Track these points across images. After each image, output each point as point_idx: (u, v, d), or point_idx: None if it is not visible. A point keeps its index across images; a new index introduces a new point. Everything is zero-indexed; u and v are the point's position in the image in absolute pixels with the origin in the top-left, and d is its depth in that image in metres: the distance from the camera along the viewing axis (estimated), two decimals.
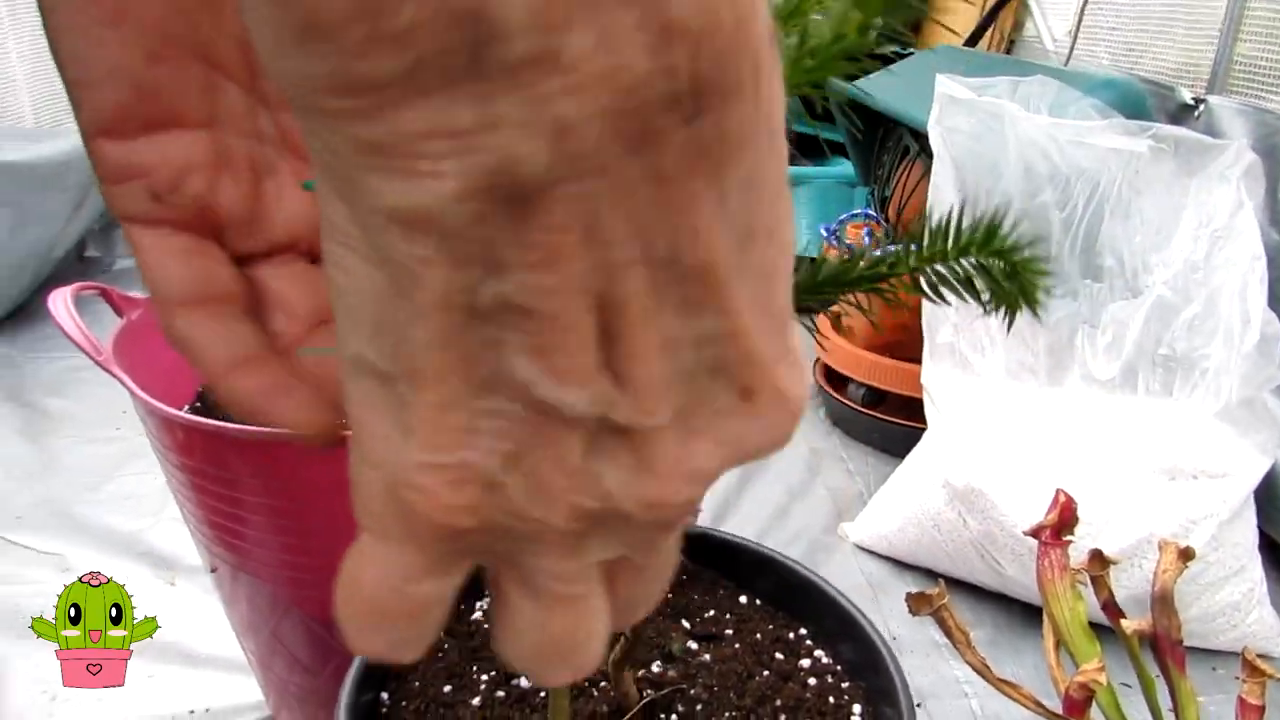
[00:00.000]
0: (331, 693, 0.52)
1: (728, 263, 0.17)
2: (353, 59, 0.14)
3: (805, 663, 0.57)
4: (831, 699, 0.54)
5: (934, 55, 1.33)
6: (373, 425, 0.18)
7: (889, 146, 1.40)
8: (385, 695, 0.53)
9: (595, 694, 0.52)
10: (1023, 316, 0.42)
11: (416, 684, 0.53)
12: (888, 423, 1.38)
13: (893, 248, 0.44)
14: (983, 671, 0.71)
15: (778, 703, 0.53)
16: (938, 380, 1.08)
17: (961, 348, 1.06)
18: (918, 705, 0.94)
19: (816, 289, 0.41)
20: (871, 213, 1.42)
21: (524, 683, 0.54)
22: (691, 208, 0.15)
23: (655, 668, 0.54)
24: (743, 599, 0.62)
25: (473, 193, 0.15)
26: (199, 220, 0.27)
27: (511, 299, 0.16)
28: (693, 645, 0.57)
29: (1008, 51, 1.87)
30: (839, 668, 0.57)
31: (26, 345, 1.67)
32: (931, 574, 1.13)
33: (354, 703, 0.50)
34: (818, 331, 1.48)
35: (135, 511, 1.18)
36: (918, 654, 1.03)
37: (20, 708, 0.88)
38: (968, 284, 0.42)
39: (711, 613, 0.60)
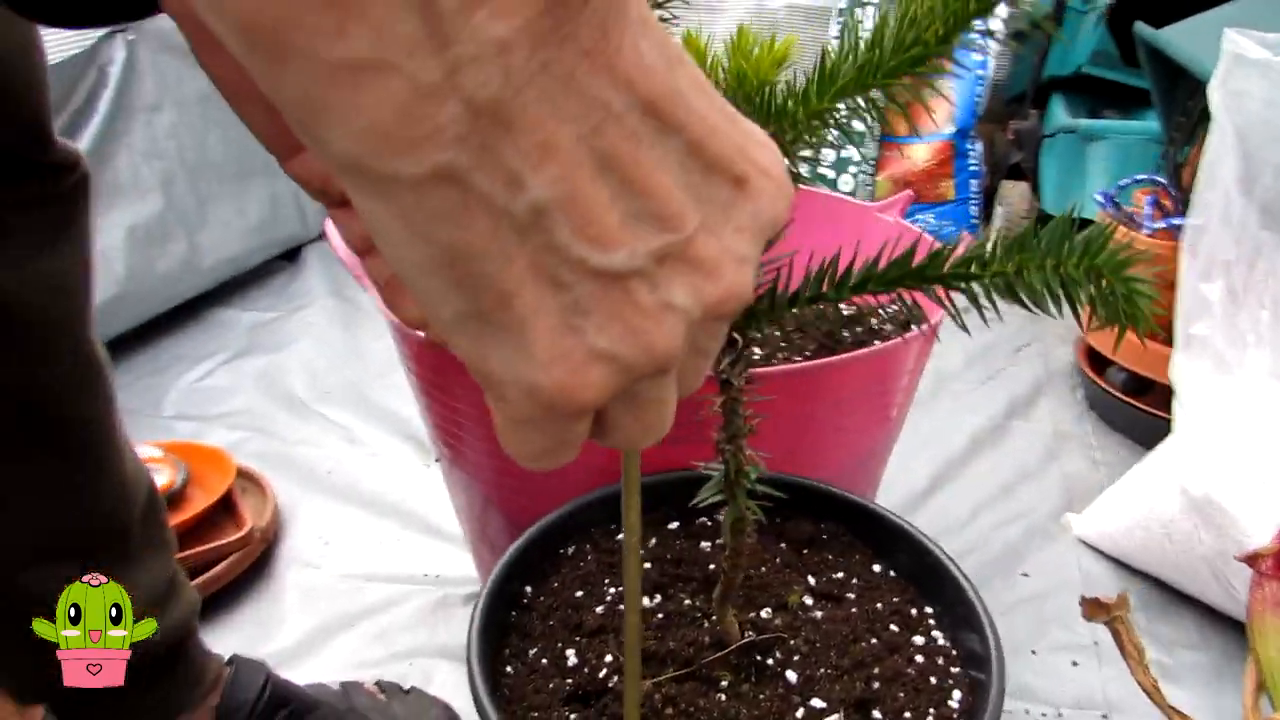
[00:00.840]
0: None
1: (667, 87, 0.21)
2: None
3: (919, 640, 0.58)
4: (933, 679, 0.55)
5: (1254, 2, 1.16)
6: (490, 358, 0.23)
7: (1189, 105, 1.25)
8: (529, 588, 0.61)
9: (704, 625, 0.57)
10: None
11: (555, 584, 0.61)
12: (1150, 415, 1.27)
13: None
14: (1152, 693, 0.68)
15: (875, 670, 0.55)
16: (1188, 375, 0.99)
17: (1218, 342, 0.96)
18: (1103, 716, 0.90)
19: (897, 281, 0.42)
20: (1160, 179, 1.28)
21: (646, 602, 0.60)
22: (619, 60, 0.20)
23: (765, 613, 0.58)
24: (876, 568, 0.64)
25: (465, 128, 0.19)
26: None
27: (538, 201, 0.20)
28: (808, 601, 0.60)
29: None
30: (954, 653, 0.58)
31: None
32: (1156, 582, 1.05)
33: (500, 590, 0.58)
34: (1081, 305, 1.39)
35: (410, 400, 1.36)
36: (1119, 663, 0.97)
37: (299, 546, 1.07)
38: (1068, 295, 0.42)
39: (840, 574, 0.63)
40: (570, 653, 0.56)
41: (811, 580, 0.62)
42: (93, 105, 1.42)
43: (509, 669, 0.55)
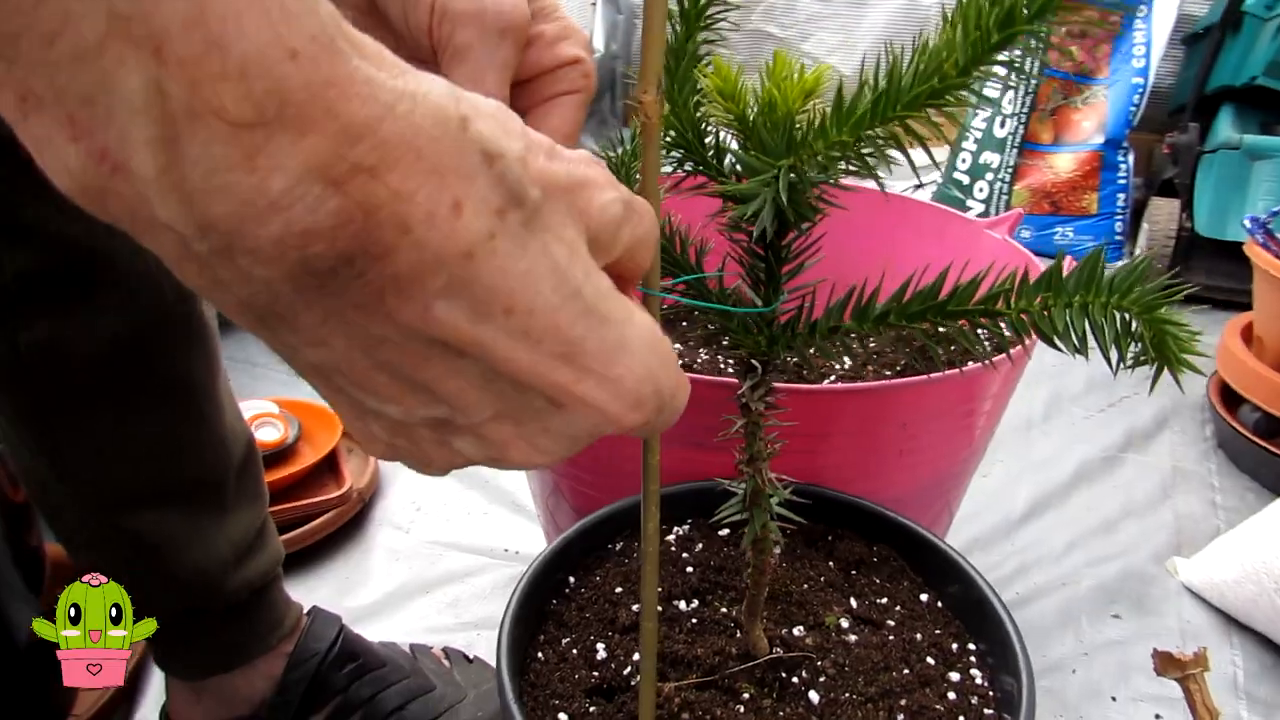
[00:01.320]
0: None
1: (465, 334, 0.23)
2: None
3: (955, 676, 0.57)
4: (961, 718, 0.54)
5: None
6: None
7: None
8: (572, 579, 0.63)
9: (737, 635, 0.58)
10: None
11: (598, 577, 0.63)
12: None
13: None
14: None
15: (902, 702, 0.54)
16: None
17: None
18: None
19: (918, 315, 0.41)
20: None
21: (682, 605, 0.61)
22: (399, 315, 0.22)
23: (799, 631, 0.58)
24: (924, 597, 0.62)
25: (246, 314, 0.23)
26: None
27: (312, 364, 0.24)
28: (845, 623, 0.59)
29: None
30: (991, 694, 0.57)
31: None
32: (1262, 640, 0.99)
33: (542, 576, 0.60)
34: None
35: None
36: None
37: (393, 509, 1.13)
38: (1101, 334, 0.40)
39: (884, 600, 0.62)
40: (601, 646, 0.57)
41: (853, 603, 0.61)
42: None
43: (540, 655, 0.57)
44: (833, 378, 0.93)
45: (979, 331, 0.43)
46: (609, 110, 2.65)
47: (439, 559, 1.05)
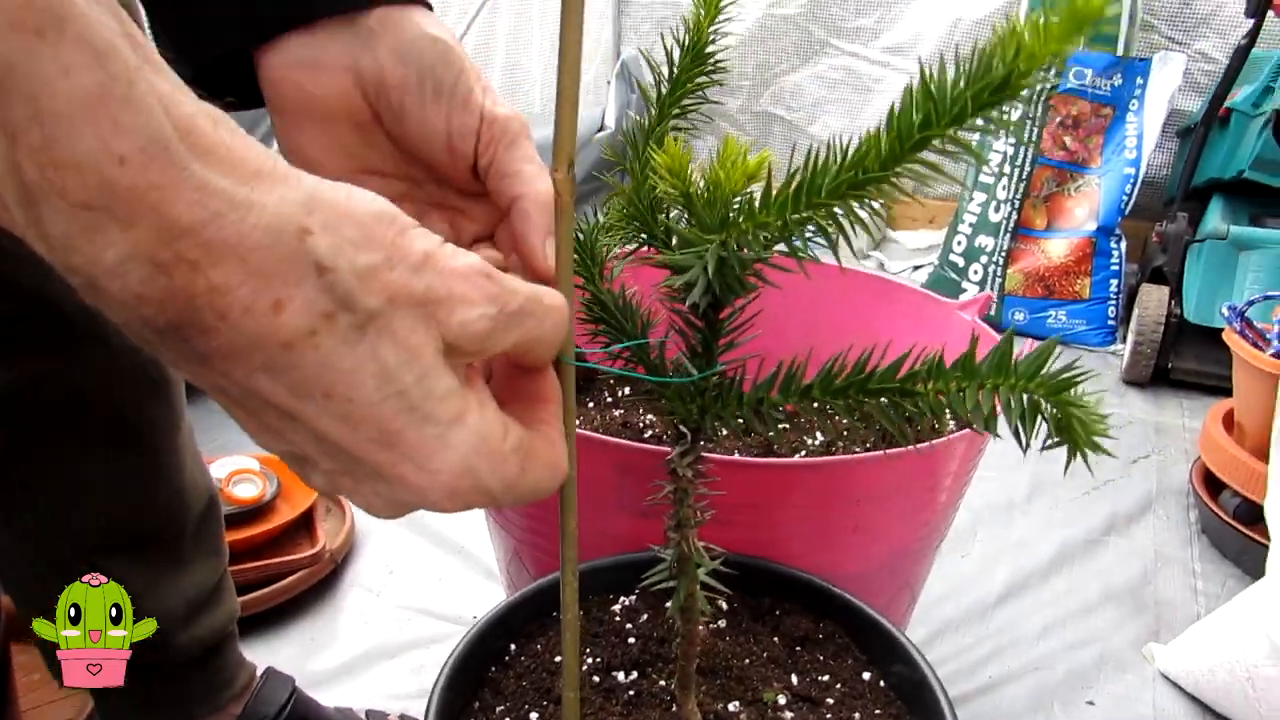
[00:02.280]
0: None
1: (288, 404, 0.26)
2: None
3: None
4: None
5: None
6: None
7: None
8: (513, 646, 0.63)
9: (673, 709, 0.58)
10: None
11: (540, 645, 0.63)
12: (1263, 546, 1.17)
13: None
14: None
15: None
16: None
17: None
18: None
19: (837, 391, 0.42)
20: None
21: (620, 677, 0.61)
22: (230, 374, 0.25)
23: (734, 706, 0.58)
24: (866, 675, 0.62)
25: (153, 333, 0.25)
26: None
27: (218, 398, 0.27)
28: (783, 700, 0.59)
29: None
30: None
31: None
32: None
33: (479, 644, 0.60)
34: (1204, 425, 1.30)
35: None
36: None
37: (365, 570, 1.13)
38: (1021, 417, 0.41)
39: (825, 678, 0.62)
40: (534, 716, 0.57)
41: (794, 679, 0.61)
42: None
43: None
44: (804, 452, 0.94)
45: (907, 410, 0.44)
46: (623, 141, 2.69)
47: (407, 624, 1.04)
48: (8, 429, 0.60)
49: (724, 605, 0.66)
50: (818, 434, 0.96)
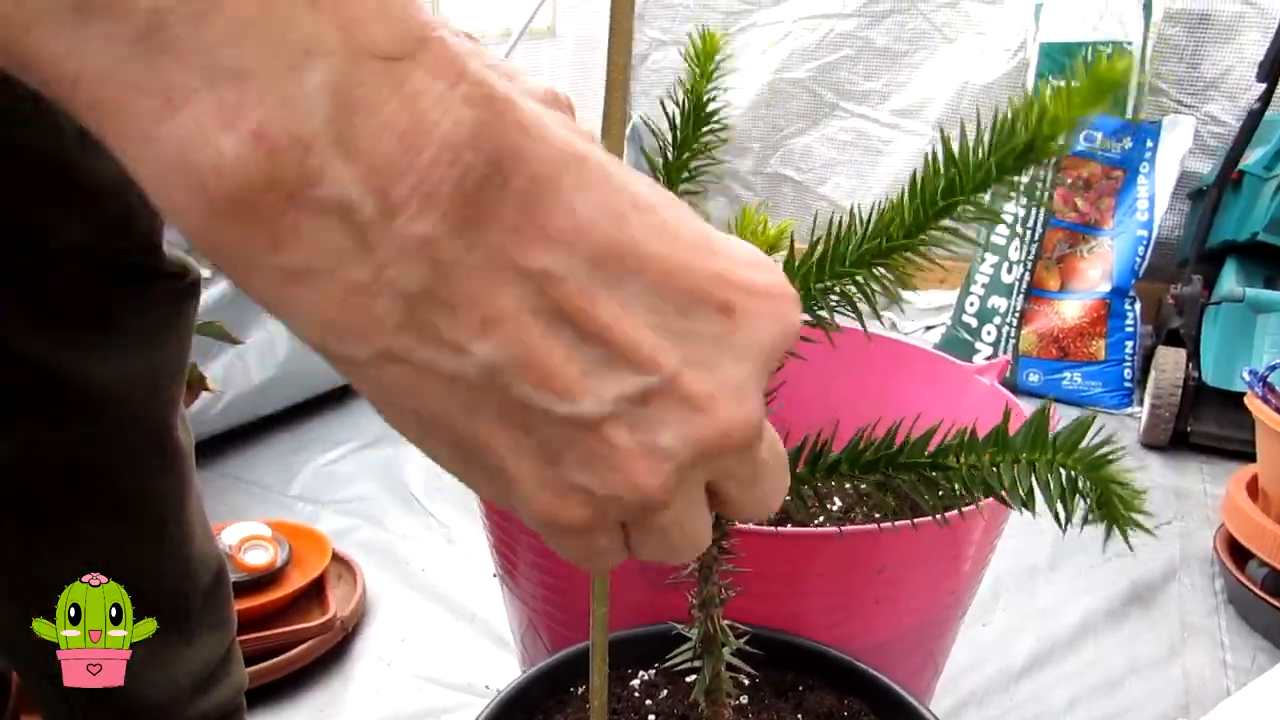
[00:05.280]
0: None
1: (611, 239, 0.22)
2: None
3: None
4: None
5: None
6: (483, 490, 0.25)
7: None
8: None
9: None
10: None
11: None
12: None
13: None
14: None
15: None
16: None
17: None
18: None
19: (867, 465, 0.41)
20: None
21: None
22: (549, 228, 0.22)
23: None
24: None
25: (403, 315, 0.21)
26: None
27: (487, 364, 0.22)
28: None
29: None
30: None
31: None
32: None
33: None
34: (1227, 493, 1.28)
35: None
36: None
37: (377, 638, 1.11)
38: (1061, 495, 0.40)
39: None
40: None
41: None
42: None
43: None
44: (821, 519, 0.92)
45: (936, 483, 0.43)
46: None
47: (418, 693, 1.02)
48: (12, 500, 0.59)
49: (746, 680, 0.64)
50: (835, 499, 0.95)
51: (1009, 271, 2.01)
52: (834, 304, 0.41)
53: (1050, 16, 2.05)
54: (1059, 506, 0.40)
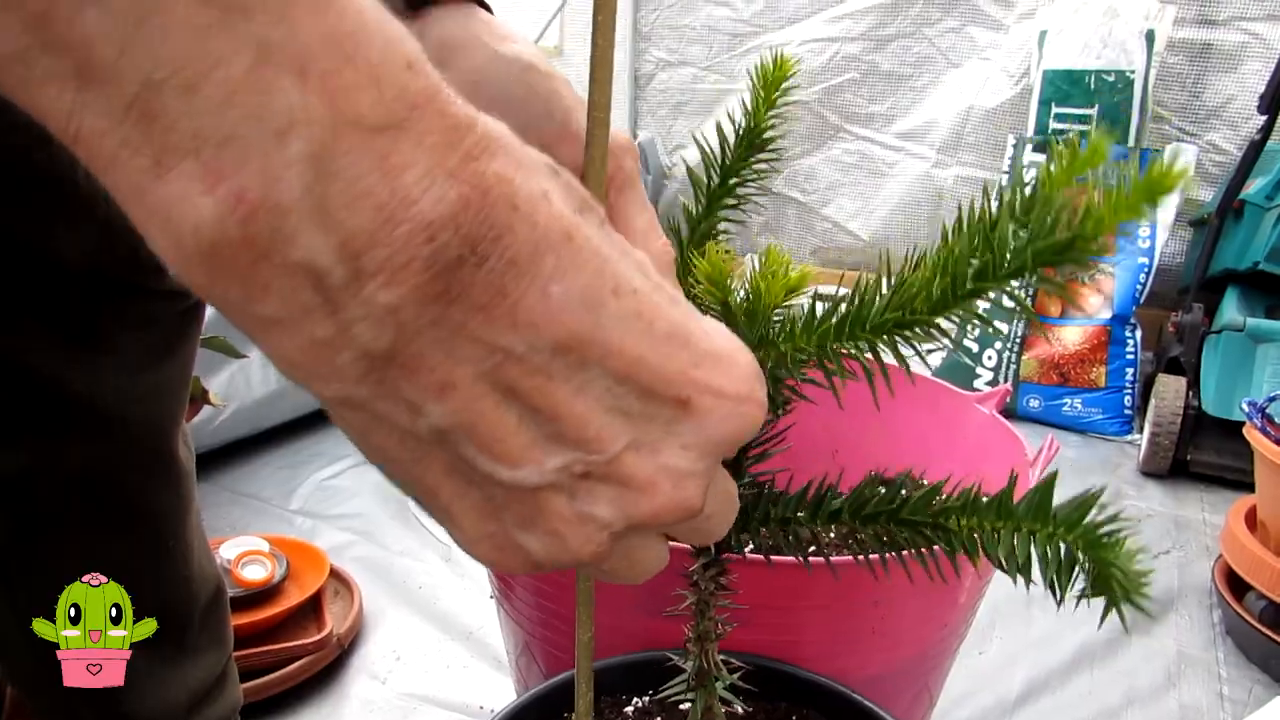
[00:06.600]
0: None
1: (579, 327, 0.23)
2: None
3: None
4: None
5: None
6: (439, 525, 0.27)
7: None
8: None
9: None
10: None
11: None
12: None
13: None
14: None
15: None
16: None
17: None
18: None
19: (867, 518, 0.42)
20: None
21: None
22: (519, 310, 0.22)
23: None
24: None
25: (363, 369, 0.23)
26: None
27: (437, 426, 0.24)
28: None
29: None
30: None
31: None
32: None
33: None
34: (1226, 524, 1.27)
35: None
36: None
37: (372, 656, 1.11)
38: (1058, 569, 0.40)
39: None
40: None
41: None
42: None
43: None
44: (813, 547, 0.92)
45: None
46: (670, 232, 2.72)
47: (412, 713, 1.02)
48: (15, 513, 0.59)
49: (739, 709, 0.64)
50: (832, 528, 0.95)
51: (1009, 296, 2.01)
52: (846, 366, 0.41)
53: (1054, 44, 2.06)
54: (1055, 581, 0.39)
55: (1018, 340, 1.99)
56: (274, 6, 0.20)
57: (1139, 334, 1.93)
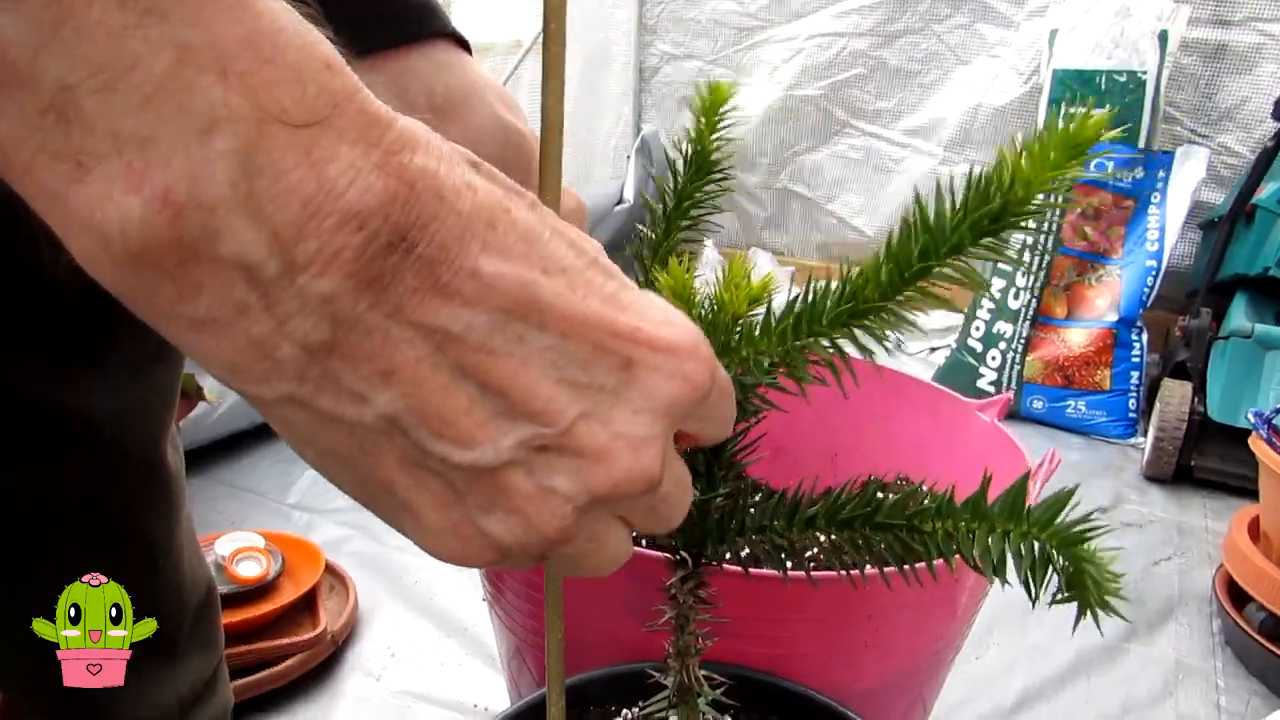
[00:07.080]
0: None
1: (516, 298, 0.23)
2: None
3: None
4: None
5: None
6: (396, 527, 0.26)
7: None
8: None
9: None
10: None
11: None
12: None
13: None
14: None
15: None
16: None
17: None
18: None
19: (842, 524, 0.41)
20: None
21: None
22: (453, 288, 0.23)
23: None
24: None
25: (304, 364, 0.22)
26: None
27: (385, 414, 0.24)
28: None
29: None
30: None
31: None
32: None
33: None
34: (1227, 534, 1.27)
35: None
36: None
37: (367, 653, 1.11)
38: (1031, 567, 0.40)
39: None
40: None
41: None
42: None
43: None
44: (815, 549, 0.92)
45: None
46: (632, 256, 2.71)
47: (407, 710, 1.02)
48: (6, 528, 0.59)
49: None
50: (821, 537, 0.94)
51: (1015, 297, 2.00)
52: (812, 361, 0.41)
53: (1065, 43, 2.05)
54: (1030, 580, 0.39)
55: (1022, 341, 1.97)
56: (190, 10, 0.20)
57: (1145, 337, 1.92)
